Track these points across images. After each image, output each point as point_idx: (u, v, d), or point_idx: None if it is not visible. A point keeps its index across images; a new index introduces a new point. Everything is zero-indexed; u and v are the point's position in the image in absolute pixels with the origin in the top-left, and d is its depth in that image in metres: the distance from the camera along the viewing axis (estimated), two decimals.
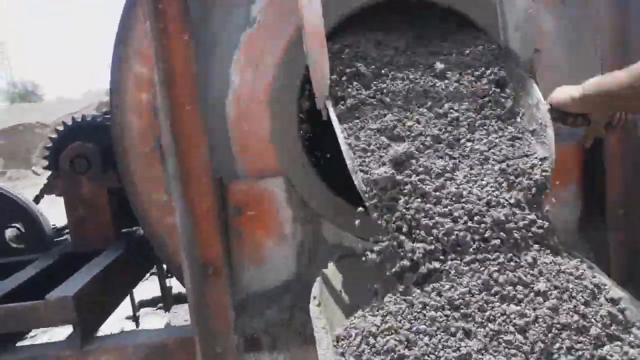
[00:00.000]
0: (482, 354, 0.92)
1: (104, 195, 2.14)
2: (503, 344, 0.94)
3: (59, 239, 2.47)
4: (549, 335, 0.93)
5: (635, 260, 1.58)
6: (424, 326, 0.96)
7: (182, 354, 1.58)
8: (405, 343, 0.94)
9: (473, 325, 0.97)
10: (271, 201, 1.61)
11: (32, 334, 2.75)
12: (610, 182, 1.58)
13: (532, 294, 1.00)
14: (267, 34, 1.55)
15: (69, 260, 2.07)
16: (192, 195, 1.47)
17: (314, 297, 1.21)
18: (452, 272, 1.05)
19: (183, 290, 2.92)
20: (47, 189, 2.28)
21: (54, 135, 2.21)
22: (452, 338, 0.95)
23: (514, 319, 0.96)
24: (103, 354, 1.59)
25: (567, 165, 1.61)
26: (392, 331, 0.96)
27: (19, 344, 1.73)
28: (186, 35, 1.42)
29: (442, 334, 0.96)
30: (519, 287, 1.02)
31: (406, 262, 1.07)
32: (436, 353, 0.93)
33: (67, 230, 2.58)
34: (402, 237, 1.10)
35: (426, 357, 0.92)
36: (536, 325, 0.95)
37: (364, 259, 1.14)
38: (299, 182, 1.60)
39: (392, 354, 0.93)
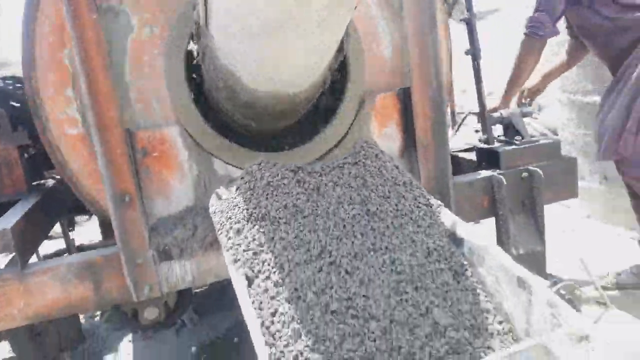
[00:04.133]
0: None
1: (14, 152, 2.43)
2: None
3: None
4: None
5: (437, 175, 2.27)
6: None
7: (108, 268, 2.02)
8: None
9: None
10: (170, 145, 2.05)
11: None
12: (417, 122, 2.23)
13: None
14: None
15: None
16: (108, 143, 1.89)
17: (211, 206, 1.73)
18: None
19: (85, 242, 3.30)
20: None
21: None
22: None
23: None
24: (40, 275, 1.98)
25: (388, 109, 2.24)
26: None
27: None
28: (94, 14, 1.80)
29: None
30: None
31: None
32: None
33: None
34: None
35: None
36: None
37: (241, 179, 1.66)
38: (192, 128, 2.05)
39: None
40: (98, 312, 3.41)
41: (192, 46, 2.06)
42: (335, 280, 1.35)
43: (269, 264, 1.41)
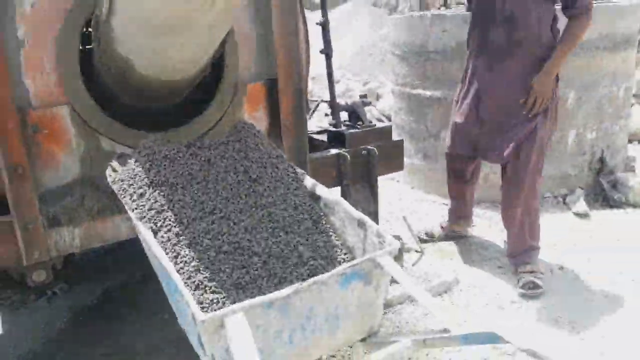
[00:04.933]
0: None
1: None
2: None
3: None
4: None
5: (297, 152, 2.75)
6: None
7: (1, 234, 2.16)
8: None
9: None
10: (59, 123, 2.24)
11: None
12: (282, 107, 2.68)
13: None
14: None
15: None
16: (4, 122, 2.04)
17: (110, 176, 2.01)
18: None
19: None
20: None
21: None
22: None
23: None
24: None
25: (257, 96, 2.67)
26: None
27: None
28: None
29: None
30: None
31: None
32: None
33: None
34: None
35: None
36: None
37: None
38: (80, 108, 2.26)
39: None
40: None
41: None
42: (225, 229, 1.75)
43: (170, 220, 1.76)
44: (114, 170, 2.07)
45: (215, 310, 1.51)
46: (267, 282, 1.67)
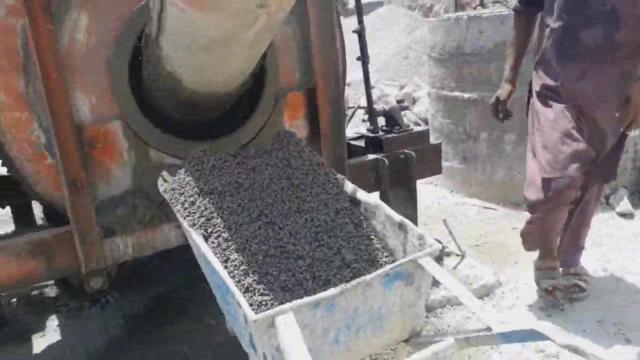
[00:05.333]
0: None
1: None
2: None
3: None
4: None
5: (337, 158, 2.82)
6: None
7: (61, 244, 2.30)
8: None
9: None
10: (112, 137, 2.38)
11: None
12: (321, 116, 2.76)
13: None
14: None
15: None
16: (63, 137, 2.18)
17: (161, 186, 2.13)
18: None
19: None
20: None
21: None
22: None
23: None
24: None
25: (297, 105, 2.76)
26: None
27: None
28: (50, 25, 2.09)
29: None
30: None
31: None
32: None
33: None
34: None
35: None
36: None
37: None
38: (132, 122, 2.39)
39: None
40: (14, 299, 3.54)
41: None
42: (271, 234, 1.84)
43: (219, 226, 1.85)
44: (165, 180, 2.19)
45: (264, 311, 1.59)
46: (312, 284, 1.74)
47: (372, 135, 3.15)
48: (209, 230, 1.84)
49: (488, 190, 4.21)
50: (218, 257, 1.75)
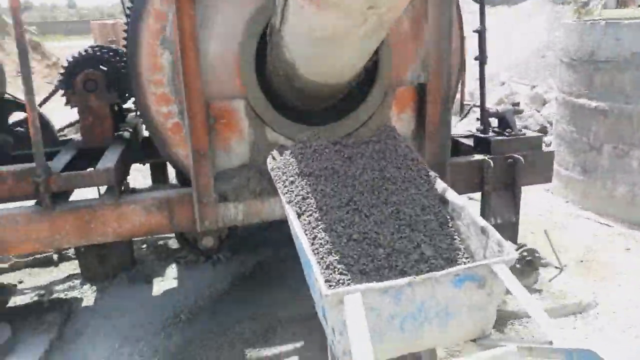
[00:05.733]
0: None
1: (107, 108, 3.06)
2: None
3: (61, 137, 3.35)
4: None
5: (439, 156, 2.87)
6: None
7: (182, 203, 2.66)
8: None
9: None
10: (235, 114, 2.67)
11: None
12: (428, 111, 2.82)
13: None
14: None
15: (83, 151, 3.01)
16: (193, 111, 2.50)
17: (269, 164, 2.36)
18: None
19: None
20: (49, 97, 3.18)
21: (68, 63, 3.06)
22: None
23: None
24: (131, 204, 2.62)
25: (406, 100, 2.84)
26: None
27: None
28: (192, 10, 2.39)
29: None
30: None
31: None
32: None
33: (64, 130, 3.48)
34: None
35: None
36: None
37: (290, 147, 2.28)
38: (254, 102, 2.66)
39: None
40: (144, 245, 4.08)
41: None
42: (357, 220, 1.98)
43: (312, 207, 2.03)
44: (274, 159, 2.42)
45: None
46: (388, 273, 1.85)
47: (481, 135, 3.13)
48: (302, 209, 2.03)
49: (606, 206, 3.94)
50: (307, 234, 1.94)
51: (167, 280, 3.50)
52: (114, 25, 12.40)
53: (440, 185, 2.17)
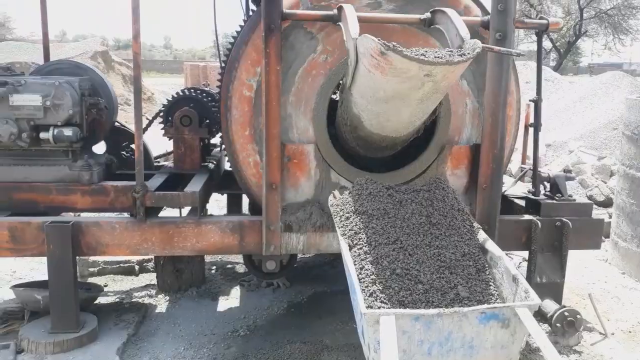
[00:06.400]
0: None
1: (197, 141, 3.55)
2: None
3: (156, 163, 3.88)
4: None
5: (489, 211, 3.09)
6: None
7: (252, 229, 3.03)
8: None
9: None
10: (306, 156, 3.04)
11: None
12: (481, 169, 3.06)
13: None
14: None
15: (174, 176, 3.49)
16: (271, 150, 2.90)
17: (330, 201, 2.69)
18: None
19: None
20: (149, 126, 3.73)
21: (167, 101, 3.62)
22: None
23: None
24: (209, 224, 3.03)
25: (461, 157, 3.10)
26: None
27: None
28: (278, 66, 2.83)
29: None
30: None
31: None
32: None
33: (159, 158, 4.01)
34: None
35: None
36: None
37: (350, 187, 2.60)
38: (322, 147, 3.03)
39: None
40: (214, 267, 4.47)
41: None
42: (401, 257, 2.24)
43: (362, 241, 2.32)
44: (334, 197, 2.75)
45: None
46: (424, 307, 2.09)
47: (532, 197, 3.31)
48: (354, 242, 2.33)
49: None
50: (356, 265, 2.23)
51: (230, 299, 3.85)
52: (204, 68, 13.54)
53: (482, 235, 2.40)
